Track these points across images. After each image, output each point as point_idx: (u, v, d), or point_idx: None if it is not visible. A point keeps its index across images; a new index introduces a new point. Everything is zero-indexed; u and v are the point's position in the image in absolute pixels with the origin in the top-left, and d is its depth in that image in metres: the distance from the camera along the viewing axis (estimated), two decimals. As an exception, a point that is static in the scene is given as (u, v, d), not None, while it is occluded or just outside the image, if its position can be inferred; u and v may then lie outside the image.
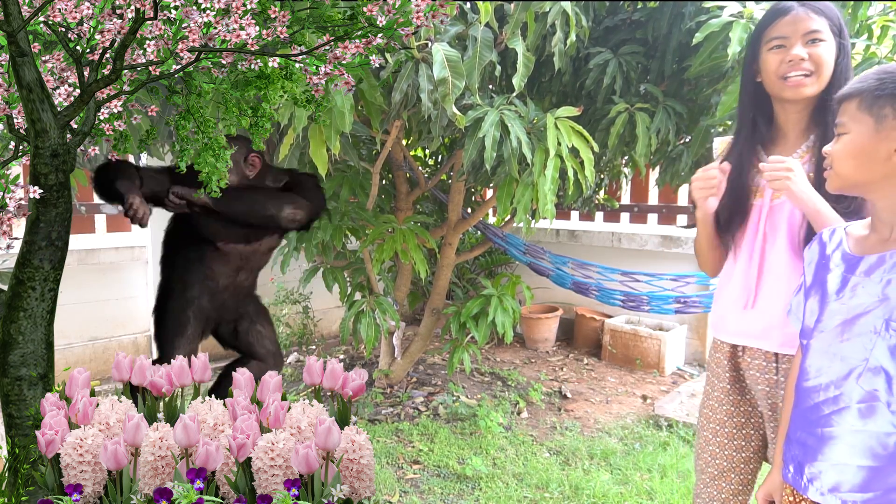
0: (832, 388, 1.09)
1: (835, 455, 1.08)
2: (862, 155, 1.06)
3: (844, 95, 1.09)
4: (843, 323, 1.08)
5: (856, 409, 1.05)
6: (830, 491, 1.09)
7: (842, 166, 1.10)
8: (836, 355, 1.09)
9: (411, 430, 3.13)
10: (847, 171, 1.09)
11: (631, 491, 2.63)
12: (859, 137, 1.06)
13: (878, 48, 2.57)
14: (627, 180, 4.55)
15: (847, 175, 1.10)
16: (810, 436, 1.13)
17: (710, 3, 2.36)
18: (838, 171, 1.10)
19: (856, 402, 1.05)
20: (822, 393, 1.11)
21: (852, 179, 1.09)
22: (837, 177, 1.11)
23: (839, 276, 1.11)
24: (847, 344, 1.07)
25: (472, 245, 4.22)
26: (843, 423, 1.07)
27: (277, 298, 3.97)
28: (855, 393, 1.05)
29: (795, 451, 1.17)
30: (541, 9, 2.25)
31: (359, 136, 2.81)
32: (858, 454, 1.05)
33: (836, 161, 1.10)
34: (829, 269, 1.14)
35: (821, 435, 1.10)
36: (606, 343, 4.31)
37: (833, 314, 1.10)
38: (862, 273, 1.07)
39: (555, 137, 2.26)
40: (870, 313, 1.04)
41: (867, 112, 1.05)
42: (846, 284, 1.09)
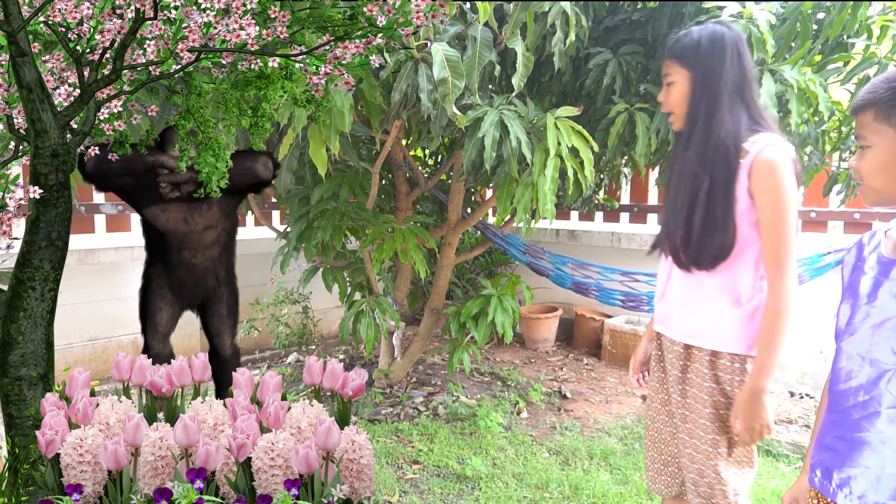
0: (862, 393, 1.08)
1: (865, 461, 1.07)
2: (890, 166, 1.06)
3: (858, 107, 1.09)
4: (872, 326, 1.07)
5: (886, 414, 1.04)
6: (860, 498, 1.07)
7: (873, 181, 1.09)
8: (866, 359, 1.08)
9: (411, 430, 3.13)
10: (879, 185, 1.08)
11: (631, 491, 2.63)
12: (884, 149, 1.06)
13: (878, 48, 2.57)
14: (627, 180, 4.55)
15: (880, 188, 1.09)
16: (840, 441, 1.11)
17: (710, 3, 2.36)
18: (870, 185, 1.10)
19: (886, 407, 1.04)
20: (853, 397, 1.09)
21: (886, 191, 1.08)
22: (872, 192, 1.10)
23: (871, 280, 1.10)
24: (877, 348, 1.06)
25: (472, 245, 4.22)
26: (873, 429, 1.06)
27: (277, 298, 3.97)
28: (885, 398, 1.04)
29: (825, 456, 1.15)
30: (540, 9, 2.25)
31: (359, 136, 2.81)
32: (889, 461, 1.04)
33: (866, 176, 1.09)
34: (863, 271, 1.13)
35: (851, 440, 1.09)
36: (606, 343, 4.31)
37: (864, 317, 1.09)
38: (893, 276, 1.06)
39: (555, 137, 2.26)
40: None
41: (885, 122, 1.05)
42: (878, 287, 1.08)
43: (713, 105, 1.52)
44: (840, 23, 2.39)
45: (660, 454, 1.76)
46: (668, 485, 1.75)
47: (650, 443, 1.78)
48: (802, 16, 2.39)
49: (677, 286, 1.66)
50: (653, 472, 1.78)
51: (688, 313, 1.62)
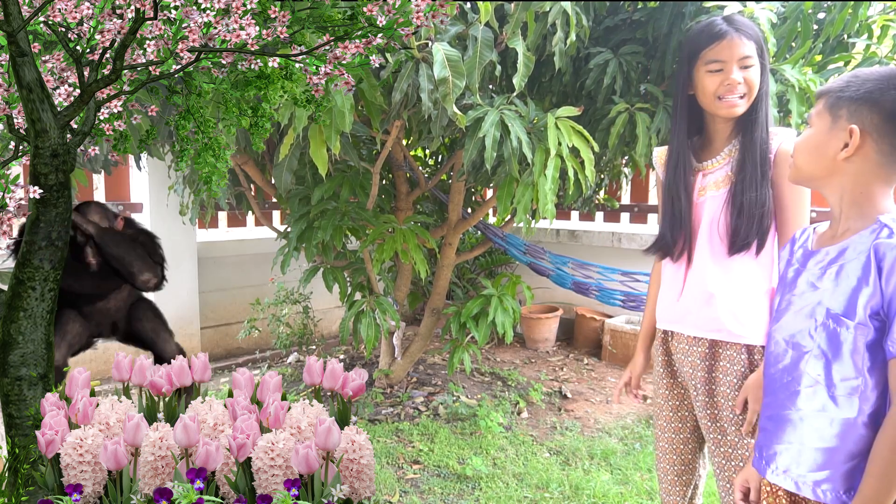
0: (786, 375, 1.16)
1: (787, 438, 1.15)
2: (815, 150, 1.14)
3: (820, 92, 1.16)
4: (794, 313, 1.17)
5: (804, 393, 1.13)
6: (784, 472, 1.15)
7: (799, 158, 1.18)
8: (789, 343, 1.17)
9: (411, 430, 3.13)
10: (801, 163, 1.18)
11: (631, 491, 2.62)
12: (816, 133, 1.14)
13: (879, 48, 2.57)
14: (627, 180, 4.55)
15: (801, 167, 1.18)
16: (769, 420, 1.20)
17: (710, 3, 2.36)
18: (796, 161, 1.19)
19: (804, 386, 1.12)
20: (779, 380, 1.18)
21: (805, 172, 1.18)
22: (795, 168, 1.20)
23: (794, 271, 1.21)
24: (798, 333, 1.15)
25: (472, 245, 4.22)
26: (793, 408, 1.14)
27: (278, 298, 3.97)
28: (804, 378, 1.13)
29: (760, 438, 1.23)
30: (541, 8, 2.24)
31: (359, 136, 2.81)
32: (808, 436, 1.12)
33: (796, 153, 1.19)
34: (791, 264, 1.23)
35: (777, 418, 1.17)
36: (606, 343, 4.31)
37: (787, 305, 1.19)
38: (812, 266, 1.16)
39: (555, 137, 2.26)
40: (815, 304, 1.12)
41: (828, 110, 1.12)
42: (798, 277, 1.19)
43: (766, 86, 1.56)
44: (840, 22, 2.39)
45: (673, 465, 1.70)
46: (683, 495, 1.70)
47: (661, 454, 1.72)
48: (803, 15, 2.39)
49: (699, 282, 1.60)
50: (666, 484, 1.72)
51: (714, 308, 1.57)
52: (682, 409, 1.69)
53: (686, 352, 1.63)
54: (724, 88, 1.51)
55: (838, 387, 1.07)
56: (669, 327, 1.68)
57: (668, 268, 1.68)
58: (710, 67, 1.52)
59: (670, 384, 1.70)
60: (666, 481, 1.72)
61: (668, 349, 1.70)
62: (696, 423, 1.68)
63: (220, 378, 3.92)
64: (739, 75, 1.51)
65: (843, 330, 1.06)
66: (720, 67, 1.51)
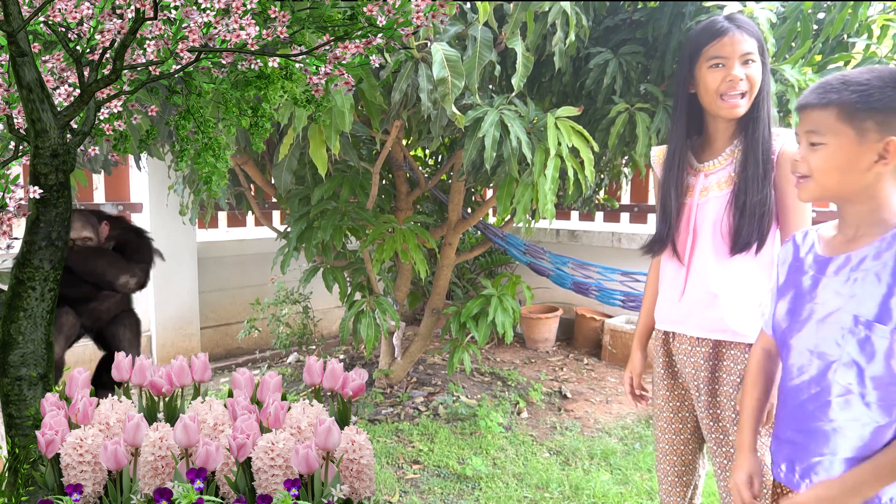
0: (813, 386, 1.14)
1: (821, 449, 1.13)
2: (845, 167, 1.09)
3: (818, 105, 1.11)
4: (817, 322, 1.14)
5: (835, 403, 1.10)
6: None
7: (825, 178, 1.12)
8: (814, 353, 1.14)
9: (411, 430, 3.13)
10: (830, 183, 1.12)
11: (631, 491, 2.62)
12: (841, 150, 1.09)
13: (879, 48, 2.57)
14: (627, 180, 4.55)
15: (830, 186, 1.13)
16: (798, 433, 1.17)
17: (710, 3, 2.36)
18: (820, 182, 1.13)
19: (835, 396, 1.10)
20: (806, 391, 1.16)
21: (834, 190, 1.13)
22: (818, 187, 1.14)
23: (811, 278, 1.17)
24: (822, 342, 1.12)
25: (472, 245, 4.22)
26: (825, 419, 1.12)
27: (278, 298, 3.97)
28: (833, 388, 1.11)
29: (786, 450, 1.21)
30: (540, 8, 2.24)
31: (359, 136, 2.81)
32: (840, 447, 1.10)
33: (817, 172, 1.13)
34: (803, 271, 1.19)
35: (808, 431, 1.15)
36: (606, 343, 4.31)
37: (808, 314, 1.16)
38: (831, 273, 1.13)
39: (555, 137, 2.26)
40: (839, 311, 1.10)
41: (848, 124, 1.07)
42: (817, 285, 1.15)
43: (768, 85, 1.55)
44: (840, 22, 2.38)
45: (673, 466, 1.70)
46: (683, 495, 1.71)
47: (662, 455, 1.72)
48: (803, 15, 2.39)
49: (701, 283, 1.59)
50: (667, 485, 1.72)
51: (718, 308, 1.56)
52: (683, 410, 1.68)
53: (689, 353, 1.62)
54: (725, 85, 1.51)
55: (873, 394, 1.06)
56: (671, 328, 1.67)
57: (669, 268, 1.67)
58: (711, 63, 1.51)
59: (671, 385, 1.69)
60: (666, 482, 1.72)
61: (668, 350, 1.69)
62: (696, 424, 1.68)
63: (220, 378, 3.92)
64: (741, 71, 1.50)
65: (877, 336, 1.04)
66: (721, 63, 1.51)
